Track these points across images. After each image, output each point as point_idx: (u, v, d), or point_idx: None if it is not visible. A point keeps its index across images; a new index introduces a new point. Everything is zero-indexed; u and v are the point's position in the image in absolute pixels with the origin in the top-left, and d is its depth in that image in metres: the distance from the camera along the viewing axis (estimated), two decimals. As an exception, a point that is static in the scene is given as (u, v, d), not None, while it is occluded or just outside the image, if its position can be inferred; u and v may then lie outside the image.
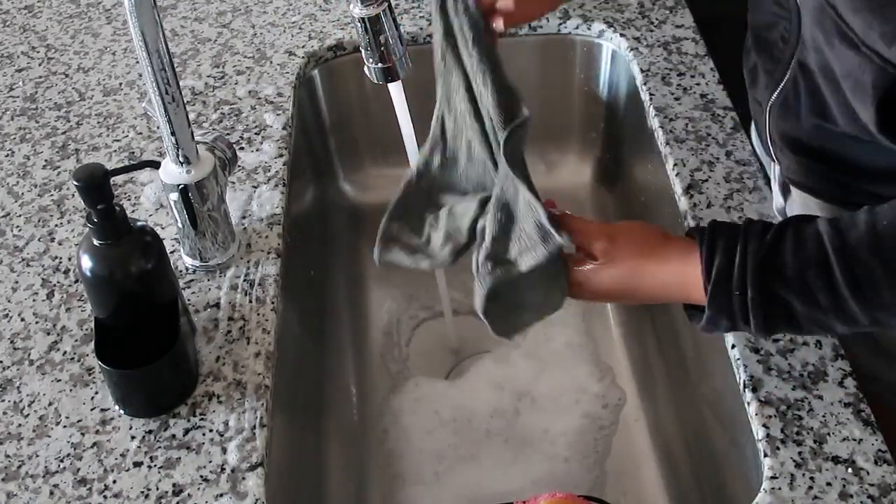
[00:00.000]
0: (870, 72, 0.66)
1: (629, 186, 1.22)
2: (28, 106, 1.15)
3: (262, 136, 1.07)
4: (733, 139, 1.02)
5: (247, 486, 0.75)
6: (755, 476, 0.76)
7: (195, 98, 1.13)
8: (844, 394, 0.78)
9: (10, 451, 0.78)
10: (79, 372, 0.84)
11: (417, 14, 1.24)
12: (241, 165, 1.03)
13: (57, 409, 0.81)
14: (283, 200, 0.99)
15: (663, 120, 1.05)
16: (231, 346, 0.85)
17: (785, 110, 0.81)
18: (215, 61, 1.20)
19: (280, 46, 1.21)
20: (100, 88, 1.17)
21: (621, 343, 1.15)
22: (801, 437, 0.75)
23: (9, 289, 0.92)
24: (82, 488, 0.75)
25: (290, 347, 0.93)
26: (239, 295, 0.89)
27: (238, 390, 0.81)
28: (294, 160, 1.07)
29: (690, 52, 1.14)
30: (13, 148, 1.09)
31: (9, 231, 0.98)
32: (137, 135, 1.09)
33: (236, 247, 0.93)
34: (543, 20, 1.21)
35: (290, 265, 0.97)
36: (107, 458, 0.77)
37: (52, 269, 0.94)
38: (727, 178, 0.97)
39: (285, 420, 0.87)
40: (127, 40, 1.24)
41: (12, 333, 0.88)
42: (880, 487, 0.72)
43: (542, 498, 0.75)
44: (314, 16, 1.26)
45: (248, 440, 0.78)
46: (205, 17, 1.28)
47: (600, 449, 1.05)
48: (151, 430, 0.79)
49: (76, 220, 0.99)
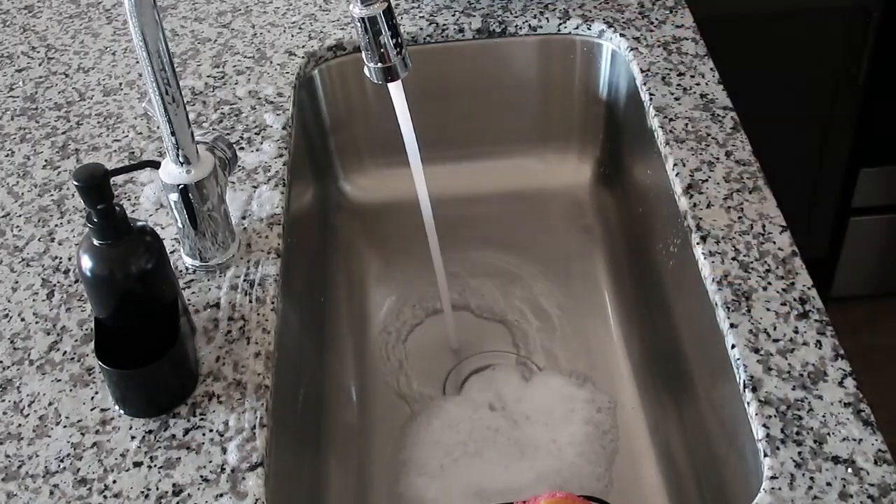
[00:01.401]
0: None
1: (629, 186, 1.22)
2: (28, 106, 1.15)
3: (262, 136, 1.07)
4: (733, 139, 1.02)
5: (247, 486, 0.75)
6: (755, 476, 0.76)
7: (195, 98, 1.14)
8: (844, 394, 0.78)
9: (10, 451, 0.78)
10: (79, 372, 0.84)
11: (417, 14, 1.24)
12: (241, 165, 1.03)
13: (57, 409, 0.81)
14: (283, 200, 0.99)
15: (663, 120, 1.05)
16: (231, 346, 0.85)
17: None
18: (215, 61, 1.20)
19: (280, 46, 1.21)
20: (100, 88, 1.17)
21: (621, 343, 1.15)
22: (801, 437, 0.75)
23: (9, 289, 0.92)
24: (82, 488, 0.75)
25: (290, 347, 0.93)
26: (239, 295, 0.89)
27: (238, 390, 0.81)
28: (294, 160, 1.08)
29: (690, 52, 1.14)
30: (13, 148, 1.09)
31: (9, 231, 0.98)
32: (137, 135, 1.09)
33: (236, 247, 0.93)
34: (543, 20, 1.21)
35: (290, 265, 0.97)
36: (107, 458, 0.77)
37: (52, 269, 0.94)
38: (727, 177, 0.97)
39: (285, 420, 0.87)
40: (127, 40, 1.25)
41: (12, 333, 0.88)
42: (880, 487, 0.72)
43: (542, 498, 0.75)
44: (314, 16, 1.26)
45: (248, 440, 0.78)
46: (205, 17, 1.28)
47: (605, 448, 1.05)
48: (151, 430, 0.79)
49: (76, 220, 0.99)
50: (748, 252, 0.90)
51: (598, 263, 1.24)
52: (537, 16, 1.22)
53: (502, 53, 1.24)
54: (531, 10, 1.23)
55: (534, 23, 1.21)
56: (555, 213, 1.29)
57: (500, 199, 1.27)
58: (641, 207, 1.16)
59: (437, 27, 1.22)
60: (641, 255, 1.15)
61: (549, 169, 1.32)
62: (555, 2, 1.24)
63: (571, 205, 1.30)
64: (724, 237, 0.91)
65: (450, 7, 1.24)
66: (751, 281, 0.87)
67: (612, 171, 1.28)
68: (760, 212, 0.93)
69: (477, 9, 1.24)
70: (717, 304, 0.86)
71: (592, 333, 1.17)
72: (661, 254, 1.06)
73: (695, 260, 0.91)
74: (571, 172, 1.31)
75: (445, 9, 1.24)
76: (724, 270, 0.88)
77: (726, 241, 0.91)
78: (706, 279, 0.89)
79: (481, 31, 1.22)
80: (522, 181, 1.31)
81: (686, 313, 1.00)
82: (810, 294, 0.86)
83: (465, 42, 1.23)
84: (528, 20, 1.21)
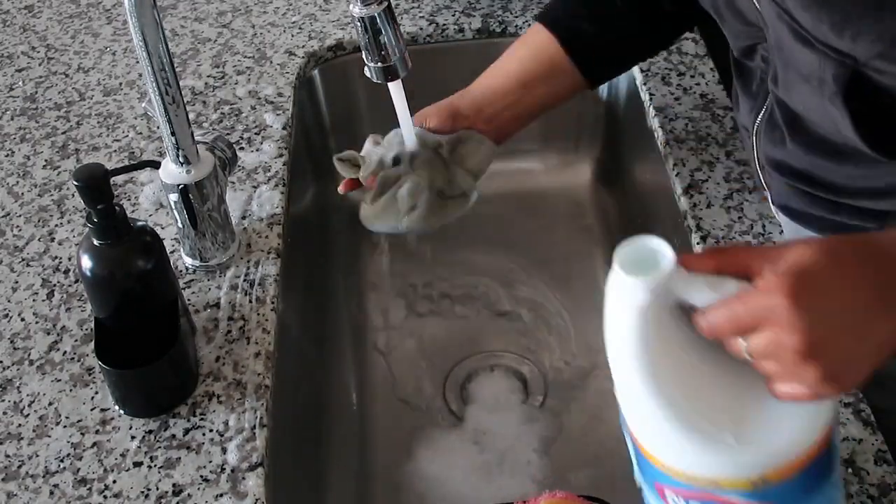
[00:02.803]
0: (829, 68, 0.65)
1: (629, 186, 1.22)
2: (28, 106, 1.15)
3: (262, 136, 1.07)
4: (733, 139, 1.02)
5: (247, 486, 0.75)
6: (755, 476, 0.76)
7: (195, 98, 1.14)
8: (844, 394, 0.78)
9: (10, 451, 0.78)
10: (79, 372, 0.84)
11: (417, 14, 1.24)
12: (241, 165, 1.03)
13: (57, 409, 0.81)
14: (283, 200, 0.99)
15: (663, 120, 1.05)
16: (231, 346, 0.85)
17: (771, 132, 0.79)
18: (215, 61, 1.20)
19: (280, 46, 1.21)
20: (100, 88, 1.17)
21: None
22: (801, 437, 0.75)
23: (9, 289, 0.92)
24: (82, 488, 0.75)
25: (290, 347, 0.93)
26: (239, 295, 0.89)
27: (238, 390, 0.81)
28: (294, 160, 1.08)
29: (690, 52, 1.14)
30: (13, 148, 1.09)
31: (9, 231, 0.98)
32: (137, 135, 1.09)
33: (236, 247, 0.93)
34: (543, 20, 1.21)
35: (290, 265, 0.97)
36: (107, 458, 0.77)
37: (52, 269, 0.94)
38: (727, 177, 0.97)
39: (285, 420, 0.87)
40: (127, 40, 1.25)
41: (12, 333, 0.88)
42: (880, 487, 0.72)
43: (542, 498, 0.75)
44: (314, 16, 1.26)
45: (248, 440, 0.78)
46: (205, 17, 1.28)
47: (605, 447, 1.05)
48: (151, 430, 0.79)
49: (76, 220, 0.99)
50: (748, 252, 0.90)
51: (598, 263, 1.24)
52: (537, 16, 1.22)
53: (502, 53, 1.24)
54: (531, 10, 1.23)
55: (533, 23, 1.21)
56: (555, 213, 1.29)
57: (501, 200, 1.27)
58: (641, 207, 1.16)
59: (437, 27, 1.22)
60: (641, 255, 1.15)
61: (549, 169, 1.32)
62: (555, 2, 1.24)
63: (571, 205, 1.30)
64: (724, 237, 0.91)
65: (450, 7, 1.24)
66: (751, 281, 0.87)
67: (612, 170, 1.28)
68: (760, 212, 0.93)
69: (477, 9, 1.24)
70: (717, 304, 0.86)
71: (592, 333, 1.17)
72: (661, 254, 1.06)
73: (695, 260, 0.91)
74: (571, 172, 1.31)
75: (445, 9, 1.24)
76: (724, 270, 0.88)
77: (726, 241, 0.91)
78: (706, 279, 0.88)
79: (481, 31, 1.22)
80: (522, 181, 1.31)
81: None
82: (810, 294, 0.85)
83: (465, 42, 1.23)
84: (528, 20, 1.21)
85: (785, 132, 0.76)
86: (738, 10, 0.75)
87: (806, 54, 0.66)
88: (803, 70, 0.68)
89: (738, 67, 0.84)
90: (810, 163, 0.76)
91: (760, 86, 0.79)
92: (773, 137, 0.79)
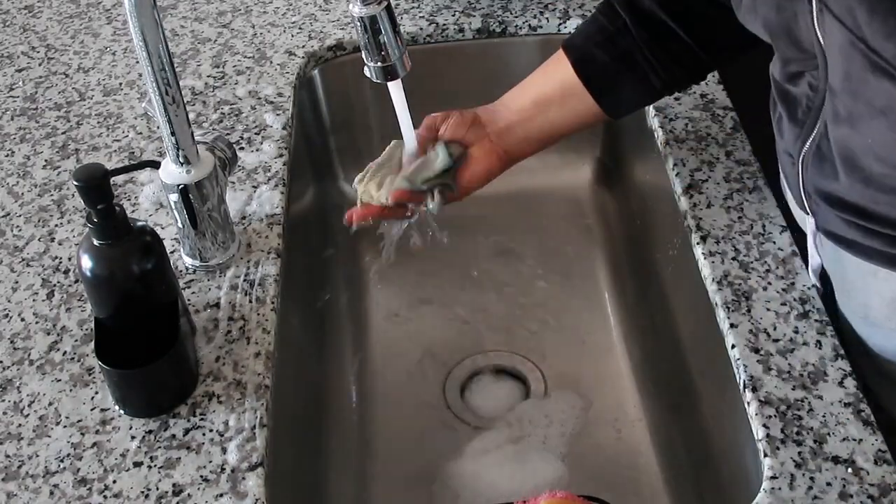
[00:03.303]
0: None
1: (629, 186, 1.22)
2: (28, 106, 1.15)
3: (262, 136, 1.07)
4: (733, 139, 1.02)
5: (247, 486, 0.75)
6: (755, 476, 0.76)
7: (195, 98, 1.14)
8: (844, 394, 0.78)
9: (10, 451, 0.78)
10: (79, 372, 0.84)
11: (417, 14, 1.24)
12: (241, 165, 1.03)
13: (57, 409, 0.81)
14: (283, 200, 0.99)
15: (663, 120, 1.05)
16: (231, 346, 0.85)
17: (820, 164, 0.76)
18: (215, 61, 1.20)
19: (280, 46, 1.21)
20: (100, 88, 1.17)
21: (621, 342, 1.15)
22: (801, 437, 0.75)
23: (9, 289, 0.92)
24: (82, 488, 0.75)
25: (290, 347, 0.93)
26: (239, 295, 0.89)
27: (238, 390, 0.81)
28: (294, 160, 1.08)
29: (690, 52, 1.14)
30: (13, 148, 1.09)
31: (9, 231, 0.98)
32: (137, 135, 1.09)
33: (236, 247, 0.93)
34: (543, 20, 1.21)
35: (290, 265, 0.97)
36: (107, 458, 0.77)
37: (52, 269, 0.94)
38: (727, 177, 0.97)
39: (285, 420, 0.87)
40: (127, 40, 1.25)
41: (12, 333, 0.88)
42: (880, 487, 0.72)
43: (542, 498, 0.75)
44: (314, 16, 1.26)
45: (248, 440, 0.78)
46: (205, 17, 1.28)
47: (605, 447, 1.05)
48: (151, 430, 0.79)
49: (76, 220, 0.99)
50: (748, 252, 0.90)
51: (598, 263, 1.24)
52: (537, 16, 1.22)
53: (502, 53, 1.24)
54: (531, 10, 1.23)
55: (534, 23, 1.21)
56: (555, 213, 1.29)
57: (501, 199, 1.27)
58: (641, 207, 1.16)
59: (437, 27, 1.22)
60: (641, 254, 1.15)
61: (549, 169, 1.31)
62: (555, 2, 1.24)
63: (571, 205, 1.30)
64: (724, 237, 0.91)
65: (450, 7, 1.24)
66: (751, 281, 0.87)
67: (612, 170, 1.28)
68: (760, 212, 0.93)
69: (477, 9, 1.24)
70: (717, 303, 0.86)
71: (592, 333, 1.17)
72: (661, 254, 1.06)
73: (695, 260, 0.91)
74: (571, 172, 1.31)
75: (445, 9, 1.24)
76: (724, 270, 0.88)
77: (726, 241, 0.91)
78: (706, 279, 0.89)
79: (481, 31, 1.22)
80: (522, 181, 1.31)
81: (686, 313, 1.00)
82: (810, 294, 0.86)
83: (465, 42, 1.22)
84: (528, 20, 1.21)
85: (839, 168, 0.73)
86: (795, 38, 0.72)
87: (884, 85, 0.63)
88: (878, 102, 0.65)
89: (782, 92, 0.80)
90: (871, 198, 0.73)
91: (807, 113, 0.76)
92: (823, 169, 0.75)
